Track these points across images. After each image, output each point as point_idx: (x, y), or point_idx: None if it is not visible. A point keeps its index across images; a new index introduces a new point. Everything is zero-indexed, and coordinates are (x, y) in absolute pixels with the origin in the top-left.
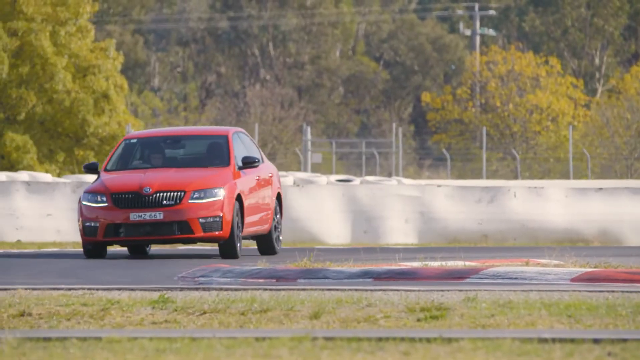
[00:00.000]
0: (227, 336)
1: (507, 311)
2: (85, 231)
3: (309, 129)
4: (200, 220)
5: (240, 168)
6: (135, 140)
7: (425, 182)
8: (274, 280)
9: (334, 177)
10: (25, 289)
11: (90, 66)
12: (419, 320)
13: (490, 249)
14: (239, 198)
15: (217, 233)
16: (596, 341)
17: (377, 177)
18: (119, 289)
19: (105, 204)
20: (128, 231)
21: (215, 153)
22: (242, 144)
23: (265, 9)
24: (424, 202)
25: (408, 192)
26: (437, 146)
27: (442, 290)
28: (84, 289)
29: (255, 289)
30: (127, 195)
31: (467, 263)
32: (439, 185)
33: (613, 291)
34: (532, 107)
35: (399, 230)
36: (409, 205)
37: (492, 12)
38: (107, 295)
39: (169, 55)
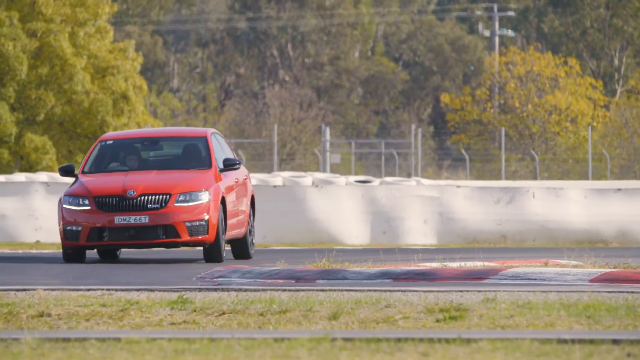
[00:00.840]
0: (246, 337)
1: (526, 312)
2: (67, 235)
3: (327, 129)
4: (186, 223)
5: (221, 170)
6: (111, 142)
7: (444, 183)
8: (293, 281)
9: (353, 178)
10: (45, 289)
11: (109, 67)
12: (437, 321)
13: (509, 249)
14: (222, 201)
15: (202, 237)
16: (615, 342)
17: (396, 178)
18: (137, 290)
19: (88, 207)
20: (112, 235)
21: (195, 155)
22: (219, 145)
23: (284, 10)
24: (443, 202)
25: (427, 193)
26: (456, 147)
27: (461, 291)
28: (102, 289)
29: (274, 290)
30: (110, 199)
31: (486, 264)
32: (458, 186)
33: (632, 292)
34: (551, 107)
35: (418, 231)
36: (428, 206)
37: (511, 12)
38: (125, 296)
39: (188, 56)
